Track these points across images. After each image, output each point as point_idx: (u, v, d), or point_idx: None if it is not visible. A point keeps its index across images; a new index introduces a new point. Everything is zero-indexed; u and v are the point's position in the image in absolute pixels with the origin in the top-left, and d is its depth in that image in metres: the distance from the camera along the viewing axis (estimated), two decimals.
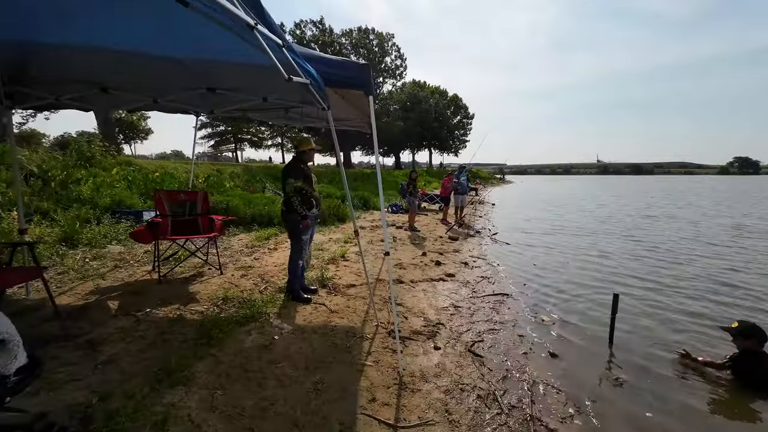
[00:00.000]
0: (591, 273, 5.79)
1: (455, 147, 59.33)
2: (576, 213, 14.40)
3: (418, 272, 5.34)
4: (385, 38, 33.08)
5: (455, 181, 10.20)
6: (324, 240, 7.04)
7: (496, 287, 4.91)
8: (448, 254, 6.65)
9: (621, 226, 10.64)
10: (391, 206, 12.32)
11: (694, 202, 19.80)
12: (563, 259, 6.68)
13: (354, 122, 5.92)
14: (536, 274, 5.71)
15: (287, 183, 3.63)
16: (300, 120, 5.89)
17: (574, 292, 4.88)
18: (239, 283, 4.31)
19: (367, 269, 5.14)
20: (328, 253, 5.99)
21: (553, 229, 10.15)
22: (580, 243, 8.17)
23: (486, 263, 6.22)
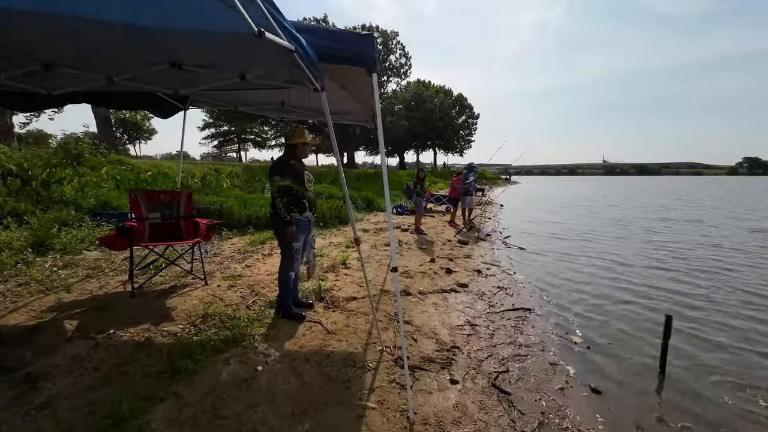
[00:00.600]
0: (615, 283, 5.21)
1: (460, 147, 58.65)
2: (587, 216, 13.76)
3: (427, 281, 4.79)
4: (389, 36, 32.54)
5: (467, 182, 9.61)
6: (324, 244, 6.52)
7: (516, 300, 4.35)
8: (458, 260, 6.10)
9: (637, 230, 10.00)
10: (396, 207, 11.78)
11: (707, 203, 19.04)
12: (583, 266, 6.09)
13: (356, 116, 5.40)
14: (556, 284, 5.15)
15: (272, 181, 3.12)
16: (298, 113, 5.40)
17: (601, 305, 4.31)
18: (225, 296, 3.79)
19: (370, 279, 4.64)
20: (327, 259, 5.47)
21: (566, 233, 9.54)
22: (598, 248, 7.57)
23: (500, 271, 5.66)
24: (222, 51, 2.20)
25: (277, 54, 1.99)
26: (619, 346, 3.31)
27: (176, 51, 2.05)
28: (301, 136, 3.34)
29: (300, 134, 3.36)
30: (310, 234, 3.56)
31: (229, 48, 1.96)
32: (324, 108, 2.41)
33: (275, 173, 3.13)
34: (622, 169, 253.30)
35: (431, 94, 51.09)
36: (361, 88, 3.97)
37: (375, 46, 2.30)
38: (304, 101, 5.11)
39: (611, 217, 12.95)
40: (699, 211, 14.91)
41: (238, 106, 5.27)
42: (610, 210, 15.50)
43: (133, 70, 2.22)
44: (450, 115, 53.59)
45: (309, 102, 5.16)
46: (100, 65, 2.20)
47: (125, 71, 2.24)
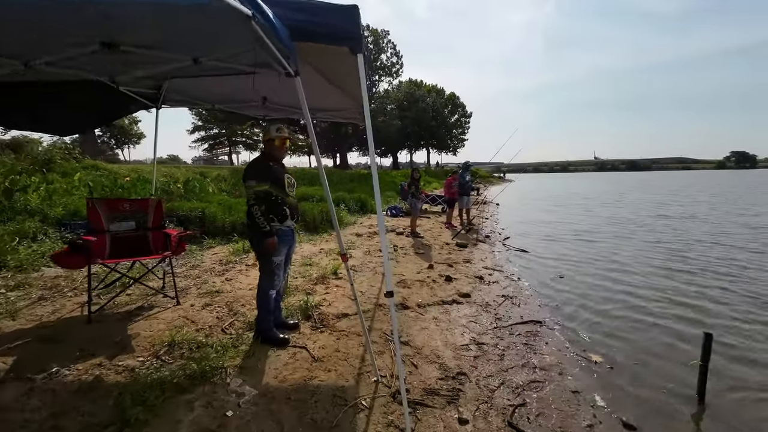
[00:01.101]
0: (624, 287, 4.86)
1: (453, 146, 58.48)
2: (584, 215, 13.49)
3: (426, 292, 4.39)
4: (380, 35, 32.14)
5: (465, 181, 9.22)
6: (314, 251, 6.08)
7: (524, 311, 3.96)
8: (458, 265, 5.71)
9: (635, 228, 9.71)
10: (390, 209, 11.37)
11: (704, 198, 18.94)
12: (588, 269, 5.74)
13: (348, 113, 4.99)
14: (563, 290, 4.78)
15: (246, 186, 2.69)
16: (283, 111, 4.97)
17: (615, 314, 3.95)
18: (198, 317, 3.34)
19: (363, 291, 4.23)
20: (317, 269, 5.04)
21: (566, 234, 9.21)
22: (602, 249, 7.24)
23: (503, 277, 5.27)
24: (172, 30, 1.77)
25: (233, 27, 1.57)
26: (645, 366, 2.93)
27: (109, 26, 1.62)
28: (278, 131, 2.91)
29: (276, 128, 2.93)
30: (293, 245, 3.14)
31: (173, 20, 1.53)
32: (299, 96, 1.99)
33: (250, 177, 2.71)
34: (613, 165, 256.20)
35: (423, 94, 50.80)
36: (350, 81, 3.57)
37: (358, 20, 1.89)
38: (289, 97, 4.69)
39: (608, 215, 12.68)
40: (694, 207, 14.74)
41: (216, 104, 4.83)
42: (605, 208, 15.27)
43: (56, 50, 1.77)
44: (442, 114, 53.37)
45: (295, 97, 4.75)
46: (12, 44, 1.74)
47: (46, 52, 1.79)
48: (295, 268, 5.03)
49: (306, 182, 15.35)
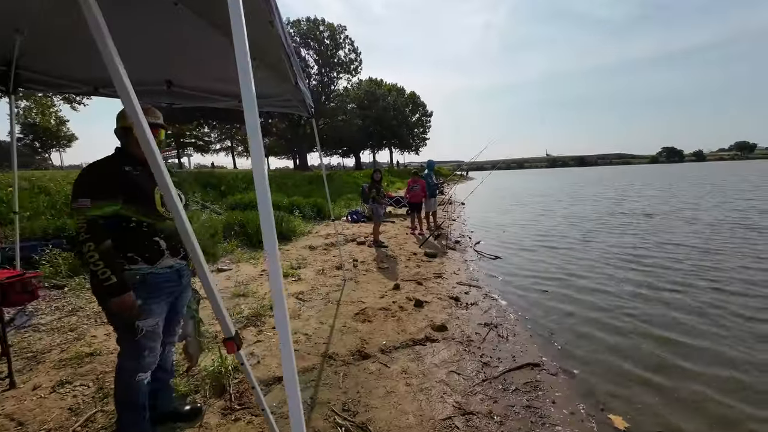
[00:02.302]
0: (608, 302, 4.24)
1: (416, 145, 58.55)
2: (552, 210, 13.35)
3: (392, 326, 3.44)
4: (336, 30, 30.84)
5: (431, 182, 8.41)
6: (253, 275, 4.92)
7: (514, 348, 3.14)
8: (429, 282, 4.83)
9: (614, 227, 9.50)
10: (350, 214, 10.35)
11: (645, 192, 19.83)
12: (577, 281, 5.10)
13: (282, 100, 3.92)
14: (553, 309, 4.06)
15: (75, 210, 1.58)
16: (197, 98, 3.81)
17: (626, 348, 3.24)
18: (38, 409, 2.14)
19: (309, 333, 3.19)
20: (252, 301, 3.92)
21: (540, 234, 8.73)
22: (585, 254, 6.74)
23: (482, 295, 4.47)
24: None
25: None
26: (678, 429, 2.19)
27: None
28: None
29: None
30: (184, 295, 2.05)
31: None
32: None
33: (82, 193, 1.60)
34: (564, 161, 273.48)
35: (384, 93, 50.21)
36: (276, 55, 2.55)
37: None
38: (202, 78, 3.56)
39: (570, 213, 12.58)
40: (642, 202, 15.19)
41: (99, 87, 3.56)
42: (564, 207, 15.31)
43: None
44: (404, 114, 53.15)
45: (213, 79, 3.61)
46: None
47: None
48: (224, 302, 3.87)
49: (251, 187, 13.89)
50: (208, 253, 5.50)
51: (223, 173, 17.45)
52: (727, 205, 12.14)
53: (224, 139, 52.84)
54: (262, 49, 2.43)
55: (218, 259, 5.56)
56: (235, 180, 13.91)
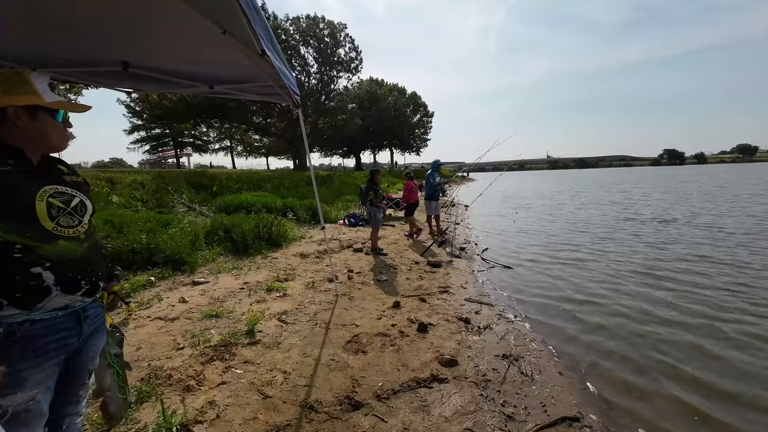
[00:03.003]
0: (662, 330, 3.63)
1: (417, 146, 58.01)
2: (559, 215, 12.73)
3: (390, 359, 2.83)
4: (337, 28, 30.26)
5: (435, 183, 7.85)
6: (232, 288, 4.31)
7: (542, 392, 2.52)
8: (433, 299, 4.23)
9: (628, 235, 8.88)
10: (348, 217, 9.74)
11: (656, 195, 19.21)
12: (599, 299, 4.49)
13: (263, 86, 3.32)
14: (579, 335, 3.45)
15: None
16: (164, 82, 3.21)
17: (683, 393, 2.63)
18: None
19: (289, 370, 2.59)
20: (224, 324, 3.31)
21: (550, 242, 8.12)
22: (602, 266, 6.12)
23: (495, 314, 3.87)
24: None
25: None
26: None
27: None
28: (22, 90, 1.22)
29: (18, 85, 1.22)
30: (91, 345, 1.45)
31: None
32: None
33: None
34: (564, 163, 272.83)
35: (385, 92, 49.67)
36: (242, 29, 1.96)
37: None
38: (166, 59, 2.97)
39: (578, 218, 11.97)
40: (652, 206, 14.56)
41: (42, 67, 2.96)
42: (570, 211, 14.70)
43: None
44: (405, 114, 52.63)
45: (179, 60, 3.01)
46: None
47: None
48: (190, 325, 3.27)
49: (250, 187, 13.28)
50: (185, 263, 4.89)
51: (216, 173, 16.85)
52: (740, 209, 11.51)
53: (223, 139, 52.33)
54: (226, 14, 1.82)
55: (196, 269, 4.95)
56: (228, 180, 13.31)
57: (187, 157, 54.16)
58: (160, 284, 4.35)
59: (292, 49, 28.28)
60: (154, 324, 3.28)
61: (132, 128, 43.19)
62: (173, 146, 47.33)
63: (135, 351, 2.80)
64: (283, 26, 27.83)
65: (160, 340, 2.97)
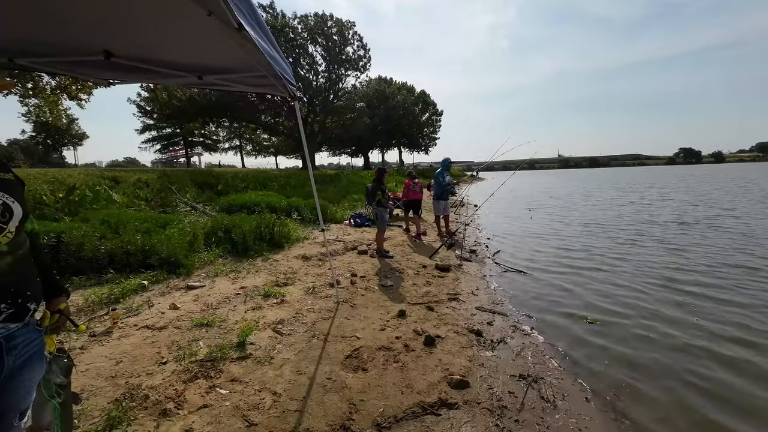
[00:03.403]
0: (698, 349, 3.26)
1: (425, 145, 57.52)
2: (573, 216, 12.25)
3: (393, 378, 2.54)
4: (345, 26, 30.01)
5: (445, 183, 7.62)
6: (228, 293, 4.06)
7: (567, 423, 2.20)
8: (441, 307, 3.92)
9: (647, 238, 8.41)
10: (354, 217, 9.47)
11: (672, 195, 18.47)
12: (624, 309, 4.12)
13: (256, 77, 3.06)
14: (606, 350, 3.10)
15: None
16: (147, 74, 2.98)
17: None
18: None
19: (278, 395, 2.31)
20: (216, 333, 3.06)
21: (565, 245, 7.72)
22: (623, 272, 5.72)
23: (509, 325, 3.54)
24: None
25: None
26: None
27: None
28: None
29: None
30: (20, 378, 1.18)
31: None
32: None
33: None
34: (576, 162, 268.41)
35: (393, 91, 49.33)
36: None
37: None
38: (148, 48, 2.74)
39: (593, 220, 11.48)
40: (671, 207, 13.92)
41: (14, 57, 2.76)
42: (583, 212, 14.17)
43: None
44: (413, 112, 52.18)
45: (165, 49, 2.77)
46: None
47: None
48: (179, 335, 3.03)
49: (256, 186, 13.11)
50: (181, 266, 4.68)
51: (222, 171, 16.77)
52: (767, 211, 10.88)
53: (233, 138, 52.70)
54: None
55: (193, 272, 4.74)
56: (234, 179, 13.18)
57: (198, 156, 54.75)
58: (153, 288, 4.14)
59: (300, 48, 28.14)
60: (140, 334, 3.05)
61: (143, 128, 43.79)
62: (183, 145, 47.86)
63: (114, 365, 2.57)
64: (291, 24, 27.69)
65: (143, 353, 2.74)
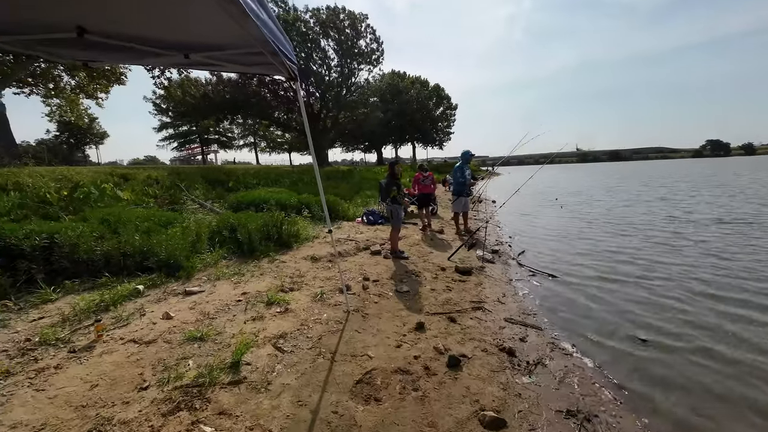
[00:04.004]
0: None
1: (439, 139, 56.50)
2: (598, 213, 11.49)
3: (412, 413, 2.10)
4: (358, 18, 29.44)
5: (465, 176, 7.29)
6: (229, 299, 3.69)
7: None
8: (465, 318, 3.45)
9: (686, 240, 7.66)
10: (367, 214, 9.04)
11: (704, 191, 17.25)
12: (679, 327, 3.55)
13: (249, 54, 2.64)
14: (670, 380, 2.58)
15: None
16: (122, 53, 2.61)
17: None
18: None
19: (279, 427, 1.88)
20: (209, 349, 2.69)
21: (596, 246, 7.10)
22: (664, 279, 5.10)
23: (546, 342, 3.05)
24: None
25: None
26: None
27: None
28: None
29: None
30: None
31: None
32: None
33: None
34: (595, 156, 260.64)
35: (407, 85, 48.50)
36: None
37: None
38: (131, 22, 2.36)
39: (621, 218, 10.70)
40: (710, 204, 12.90)
41: None
42: (609, 209, 13.30)
43: None
44: (427, 107, 51.24)
45: (146, 24, 2.38)
46: None
47: None
48: (167, 351, 2.67)
49: (267, 183, 12.84)
50: (181, 268, 4.36)
51: (233, 168, 16.61)
52: None
53: (247, 135, 53.09)
54: None
55: (193, 275, 4.40)
56: (245, 176, 12.95)
57: (215, 153, 55.47)
58: (149, 294, 3.81)
59: (312, 42, 27.74)
60: (125, 349, 2.70)
61: (160, 126, 44.58)
62: (199, 143, 48.51)
63: (89, 390, 2.22)
64: (303, 18, 27.30)
65: (123, 375, 2.38)
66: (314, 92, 30.26)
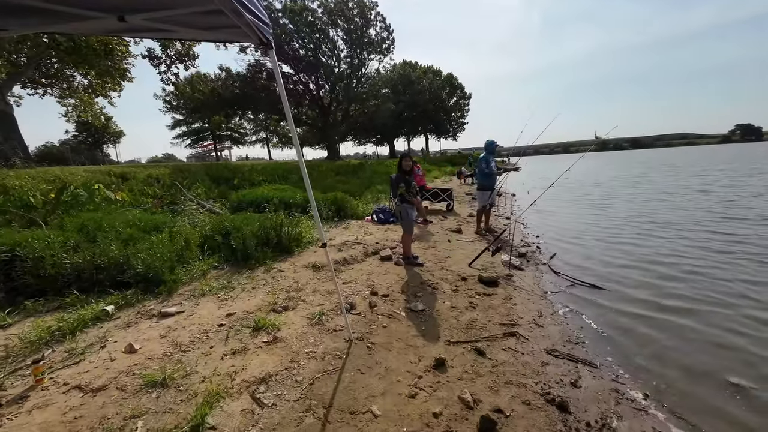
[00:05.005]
0: None
1: (453, 130, 55.08)
2: (631, 209, 10.49)
3: None
4: (367, 6, 28.43)
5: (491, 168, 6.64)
6: (211, 322, 3.10)
7: None
8: (495, 349, 2.76)
9: (749, 244, 6.68)
10: (377, 212, 8.37)
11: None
12: None
13: (206, 12, 1.98)
14: None
15: None
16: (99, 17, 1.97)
17: None
18: None
19: None
20: (167, 400, 2.09)
21: (638, 247, 6.24)
22: (743, 294, 4.26)
23: (607, 388, 2.33)
24: None
25: None
26: None
27: None
28: None
29: None
30: None
31: None
32: None
33: None
34: (616, 144, 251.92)
35: (419, 75, 47.20)
36: None
37: None
38: None
39: (660, 215, 9.68)
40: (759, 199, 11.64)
41: None
42: (642, 203, 12.18)
43: None
44: (440, 97, 49.84)
45: None
46: None
47: None
48: (116, 403, 2.08)
49: (274, 179, 12.31)
50: (163, 282, 3.80)
51: (239, 164, 16.17)
52: None
53: (259, 131, 53.00)
54: None
55: (176, 289, 3.84)
56: (251, 172, 12.44)
57: (228, 150, 55.67)
58: (119, 315, 3.27)
59: (320, 32, 26.99)
60: (65, 401, 2.13)
61: (174, 123, 44.88)
62: (212, 139, 48.68)
63: None
64: (311, 7, 26.52)
65: None
66: (323, 84, 29.56)
